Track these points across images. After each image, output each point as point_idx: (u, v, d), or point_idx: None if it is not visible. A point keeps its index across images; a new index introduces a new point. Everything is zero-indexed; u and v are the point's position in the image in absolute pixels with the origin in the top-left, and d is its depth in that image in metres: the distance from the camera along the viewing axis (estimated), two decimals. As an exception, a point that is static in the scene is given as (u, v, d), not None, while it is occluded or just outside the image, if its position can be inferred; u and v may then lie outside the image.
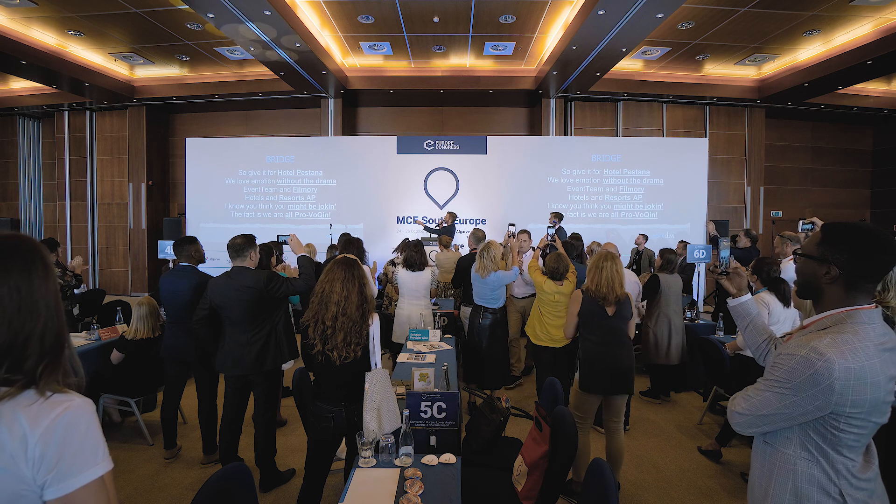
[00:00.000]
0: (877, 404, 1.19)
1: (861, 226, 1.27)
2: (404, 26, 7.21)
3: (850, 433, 1.20)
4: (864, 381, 1.16)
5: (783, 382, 1.23)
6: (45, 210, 11.22)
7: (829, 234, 1.28)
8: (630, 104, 9.74)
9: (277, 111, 10.29)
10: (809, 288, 1.34)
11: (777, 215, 10.45)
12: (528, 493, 2.18)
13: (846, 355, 1.16)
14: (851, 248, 1.24)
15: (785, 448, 1.28)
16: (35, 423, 0.79)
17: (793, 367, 1.21)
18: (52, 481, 0.80)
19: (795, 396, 1.21)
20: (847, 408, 1.17)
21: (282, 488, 3.08)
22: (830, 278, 1.26)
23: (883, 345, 1.21)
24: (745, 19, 6.77)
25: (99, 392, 3.64)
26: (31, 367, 0.83)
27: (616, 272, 2.92)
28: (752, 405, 1.30)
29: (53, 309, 0.88)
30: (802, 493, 1.24)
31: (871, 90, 9.35)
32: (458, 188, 9.04)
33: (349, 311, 2.25)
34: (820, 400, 1.18)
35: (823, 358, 1.16)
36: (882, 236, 1.23)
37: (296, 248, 3.15)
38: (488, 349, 4.17)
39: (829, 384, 1.16)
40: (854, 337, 1.19)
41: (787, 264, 4.04)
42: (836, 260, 1.25)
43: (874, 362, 1.18)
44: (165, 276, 3.44)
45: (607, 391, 2.93)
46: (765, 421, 1.28)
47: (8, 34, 7.16)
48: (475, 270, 4.17)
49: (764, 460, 1.34)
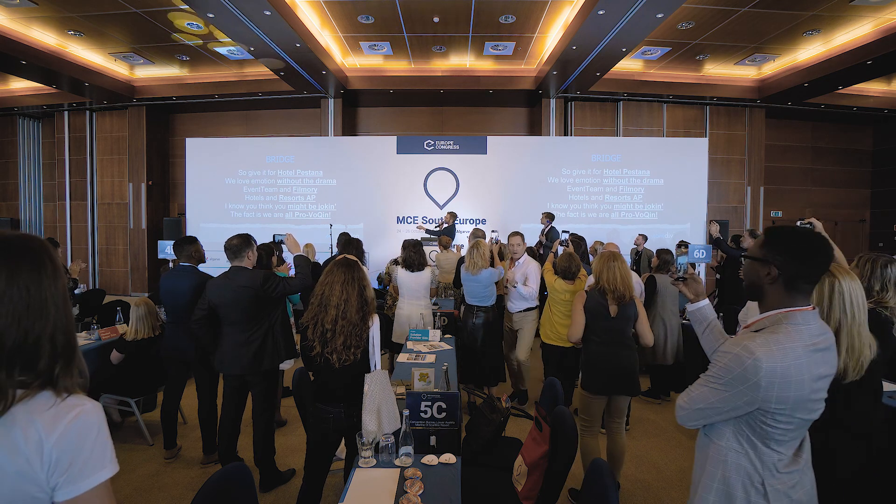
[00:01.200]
0: (801, 402, 1.25)
1: (800, 230, 1.34)
2: (404, 26, 7.21)
3: (777, 428, 1.26)
4: (788, 380, 1.22)
5: (717, 378, 1.30)
6: (45, 210, 11.22)
7: (771, 237, 1.36)
8: (630, 104, 9.74)
9: (277, 111, 10.29)
10: (753, 289, 1.40)
11: (777, 215, 10.45)
12: (528, 493, 2.18)
13: (774, 355, 1.22)
14: (790, 250, 1.30)
15: (719, 440, 1.35)
16: (50, 429, 0.81)
17: (726, 365, 1.28)
18: (64, 483, 0.82)
19: (727, 392, 1.28)
20: (772, 404, 1.23)
21: (282, 488, 3.08)
22: (771, 279, 1.32)
23: (815, 345, 1.27)
24: (745, 19, 6.77)
25: (99, 392, 3.64)
26: (45, 368, 0.84)
27: (627, 272, 2.94)
28: (690, 399, 1.38)
29: (62, 309, 0.89)
30: (729, 481, 1.32)
31: (871, 90, 9.35)
32: (458, 188, 9.04)
33: (349, 315, 2.24)
34: (748, 396, 1.24)
35: (753, 356, 1.22)
36: (818, 239, 1.31)
37: (292, 247, 3.15)
38: (483, 347, 4.19)
39: (756, 381, 1.22)
40: (785, 337, 1.25)
41: None
42: (775, 261, 1.31)
43: (801, 362, 1.23)
44: (165, 277, 3.44)
45: (611, 391, 2.93)
46: (701, 415, 1.35)
47: (8, 34, 7.16)
48: (465, 269, 4.19)
49: (701, 451, 1.42)
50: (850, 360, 1.69)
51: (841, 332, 1.70)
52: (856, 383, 1.71)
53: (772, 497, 1.27)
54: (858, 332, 1.70)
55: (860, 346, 1.70)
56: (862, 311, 1.72)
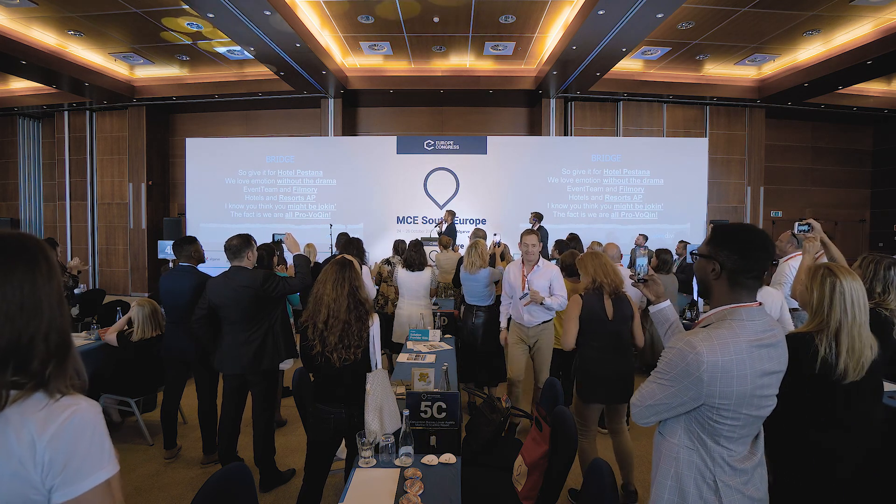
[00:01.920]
0: (745, 397, 1.25)
1: (744, 226, 1.36)
2: (404, 26, 7.21)
3: (724, 424, 1.27)
4: (730, 375, 1.23)
5: (663, 374, 1.32)
6: (45, 210, 11.22)
7: (715, 234, 1.39)
8: (630, 104, 9.73)
9: (277, 111, 10.29)
10: (702, 285, 1.42)
11: (777, 215, 10.45)
12: (528, 493, 2.18)
13: (716, 349, 1.23)
14: (732, 246, 1.32)
15: (671, 437, 1.36)
16: (43, 429, 0.80)
17: (670, 360, 1.30)
18: (60, 485, 0.81)
19: (673, 387, 1.29)
20: (716, 399, 1.24)
21: (282, 488, 3.08)
22: (715, 275, 1.35)
23: (760, 340, 1.28)
24: (745, 19, 6.76)
25: (99, 392, 3.64)
26: (38, 369, 0.83)
27: (613, 265, 2.94)
28: (642, 396, 1.38)
29: (57, 308, 0.88)
30: (682, 478, 1.33)
31: (871, 90, 9.35)
32: (458, 188, 9.04)
33: (339, 314, 2.25)
34: (693, 391, 1.25)
35: (694, 351, 1.24)
36: (759, 234, 1.32)
37: (292, 247, 3.15)
38: (483, 347, 4.19)
39: (699, 376, 1.23)
40: (728, 332, 1.27)
41: (787, 262, 4.01)
42: (718, 257, 1.34)
43: (743, 357, 1.24)
44: (165, 277, 3.44)
45: (608, 400, 2.88)
46: (652, 411, 1.36)
47: (8, 34, 7.16)
48: (464, 268, 4.18)
49: (657, 449, 1.44)
50: (850, 360, 1.68)
51: (841, 333, 1.69)
52: (856, 384, 1.71)
53: (723, 493, 1.28)
54: (859, 333, 1.69)
55: (861, 347, 1.69)
56: (863, 312, 1.71)
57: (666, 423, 1.39)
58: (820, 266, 1.86)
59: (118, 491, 0.89)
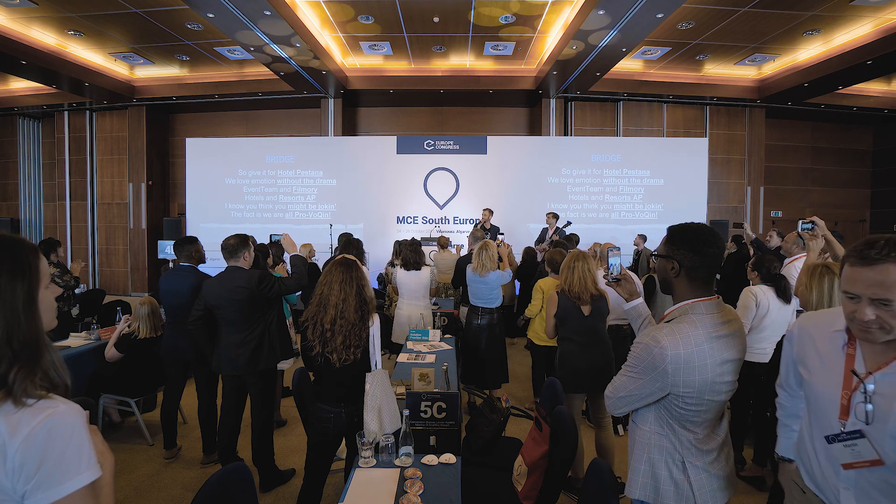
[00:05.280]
0: (706, 385, 1.36)
1: (695, 225, 1.45)
2: (404, 26, 7.21)
3: (689, 410, 1.39)
4: (692, 365, 1.34)
5: (632, 368, 1.43)
6: (45, 210, 11.21)
7: (671, 234, 1.48)
8: (630, 104, 9.73)
9: (277, 111, 10.28)
10: (664, 284, 1.51)
11: (777, 215, 10.44)
12: (528, 493, 2.18)
13: (678, 343, 1.34)
14: (685, 244, 1.42)
15: (644, 425, 1.49)
16: (14, 432, 0.77)
17: (638, 354, 1.41)
18: (33, 490, 0.77)
19: (641, 379, 1.40)
20: (680, 388, 1.35)
21: (282, 488, 3.08)
22: (675, 273, 1.44)
23: (717, 332, 1.38)
24: (745, 19, 6.76)
25: (99, 392, 3.64)
26: (4, 372, 0.80)
27: (588, 271, 2.97)
28: (614, 389, 1.50)
29: (21, 312, 0.83)
30: (654, 461, 1.45)
31: (871, 90, 9.34)
32: (458, 188, 9.04)
33: (347, 314, 2.24)
34: (659, 382, 1.36)
35: (659, 345, 1.35)
36: (709, 232, 1.41)
37: (288, 247, 3.14)
38: (487, 349, 4.18)
39: (664, 368, 1.34)
40: (689, 326, 1.37)
41: (792, 263, 4.00)
42: (676, 256, 1.43)
43: (703, 348, 1.35)
44: (165, 277, 3.44)
45: (588, 391, 2.99)
46: (624, 402, 1.48)
47: (8, 34, 7.16)
48: (472, 270, 4.17)
49: (631, 436, 1.56)
50: None
51: None
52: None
53: (691, 472, 1.40)
54: None
55: None
56: None
57: (638, 413, 1.50)
58: (818, 265, 1.87)
59: (108, 497, 0.86)
